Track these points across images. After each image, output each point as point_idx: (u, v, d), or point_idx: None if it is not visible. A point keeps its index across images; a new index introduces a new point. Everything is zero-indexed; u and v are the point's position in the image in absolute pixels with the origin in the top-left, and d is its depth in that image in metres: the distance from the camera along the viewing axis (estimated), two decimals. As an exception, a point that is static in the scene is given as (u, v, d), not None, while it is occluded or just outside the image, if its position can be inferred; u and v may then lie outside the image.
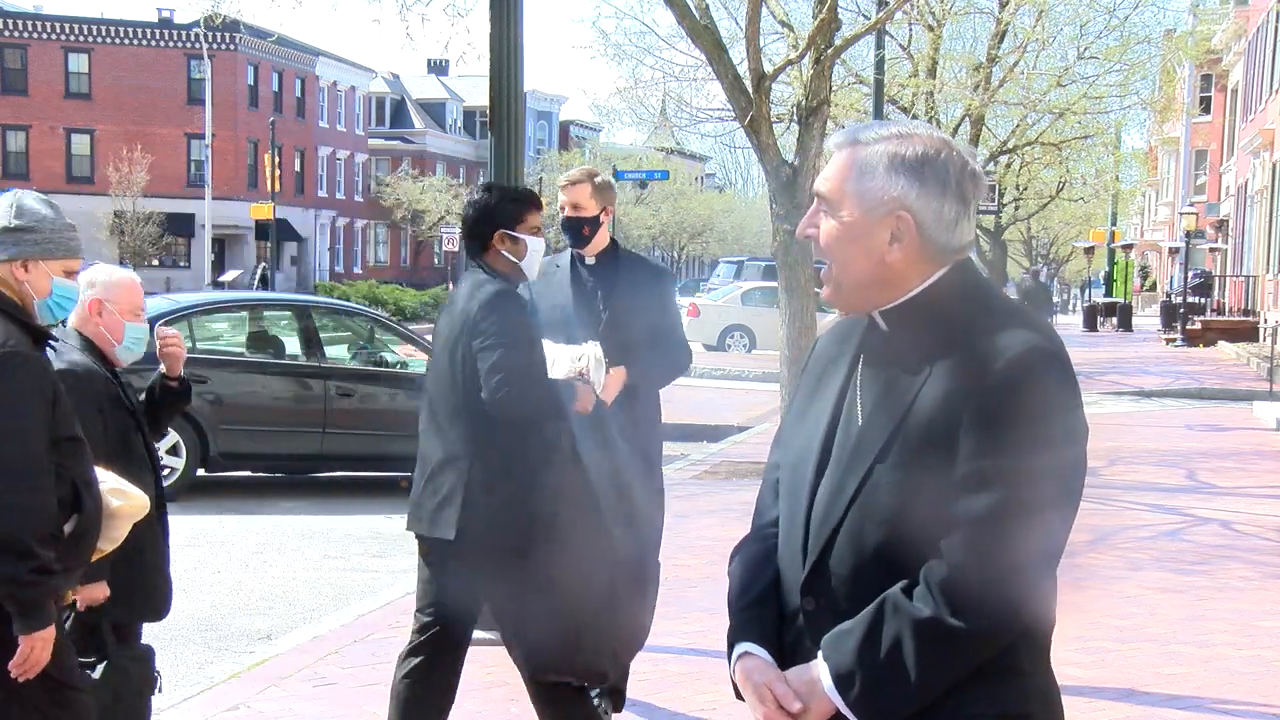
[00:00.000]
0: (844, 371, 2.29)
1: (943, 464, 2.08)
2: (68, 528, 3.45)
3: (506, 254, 4.65)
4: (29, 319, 3.48)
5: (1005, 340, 2.10)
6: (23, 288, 3.49)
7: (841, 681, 2.12)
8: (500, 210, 4.69)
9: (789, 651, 2.24)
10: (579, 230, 5.42)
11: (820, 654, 2.16)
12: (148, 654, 4.21)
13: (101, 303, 4.13)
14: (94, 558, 3.65)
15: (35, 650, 3.37)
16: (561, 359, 4.97)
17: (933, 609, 2.07)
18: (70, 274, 3.59)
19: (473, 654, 6.37)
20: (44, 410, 3.37)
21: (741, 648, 2.28)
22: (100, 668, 3.98)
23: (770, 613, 2.29)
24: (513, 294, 4.57)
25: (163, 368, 4.36)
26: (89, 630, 3.98)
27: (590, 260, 5.46)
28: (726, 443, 14.69)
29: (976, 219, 2.27)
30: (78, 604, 3.84)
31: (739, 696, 2.28)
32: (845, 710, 2.13)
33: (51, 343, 3.65)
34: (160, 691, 4.25)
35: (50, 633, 3.41)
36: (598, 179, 5.48)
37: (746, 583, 2.34)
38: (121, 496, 3.69)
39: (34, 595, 3.35)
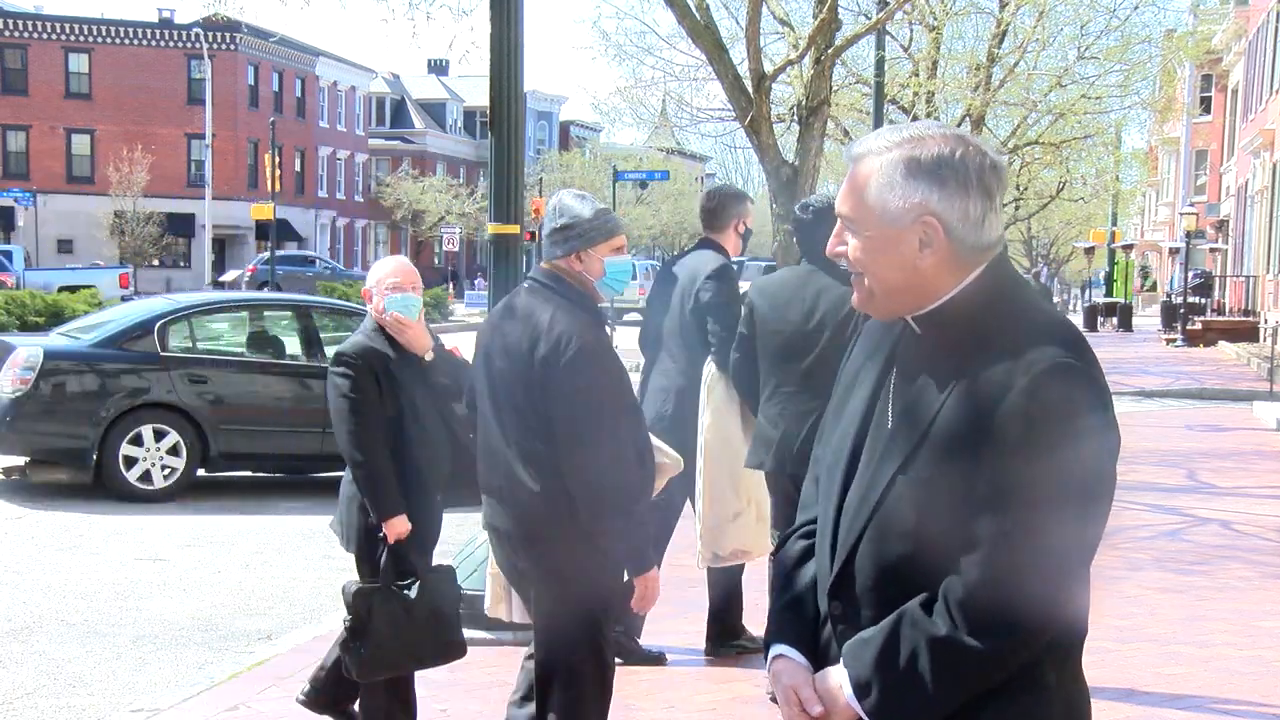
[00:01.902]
0: (878, 371, 2.26)
1: (964, 478, 2.04)
2: None
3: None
4: (593, 302, 4.09)
5: (1032, 355, 2.04)
6: (581, 275, 4.06)
7: (860, 690, 2.12)
8: None
9: (821, 653, 2.25)
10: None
11: (841, 661, 2.17)
12: (450, 572, 4.98)
13: (370, 293, 4.90)
14: None
15: (649, 588, 3.99)
16: None
17: (949, 628, 2.05)
18: (618, 250, 4.14)
19: (473, 654, 6.37)
20: (619, 386, 3.96)
21: (776, 649, 2.29)
22: (415, 586, 4.80)
23: (806, 614, 2.29)
24: None
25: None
26: (400, 558, 4.80)
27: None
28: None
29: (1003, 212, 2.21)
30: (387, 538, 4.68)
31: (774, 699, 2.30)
32: (864, 717, 2.13)
33: (608, 323, 4.26)
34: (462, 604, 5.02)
35: (656, 572, 4.02)
36: None
37: (784, 583, 2.34)
38: (662, 454, 4.29)
39: (638, 543, 3.95)
